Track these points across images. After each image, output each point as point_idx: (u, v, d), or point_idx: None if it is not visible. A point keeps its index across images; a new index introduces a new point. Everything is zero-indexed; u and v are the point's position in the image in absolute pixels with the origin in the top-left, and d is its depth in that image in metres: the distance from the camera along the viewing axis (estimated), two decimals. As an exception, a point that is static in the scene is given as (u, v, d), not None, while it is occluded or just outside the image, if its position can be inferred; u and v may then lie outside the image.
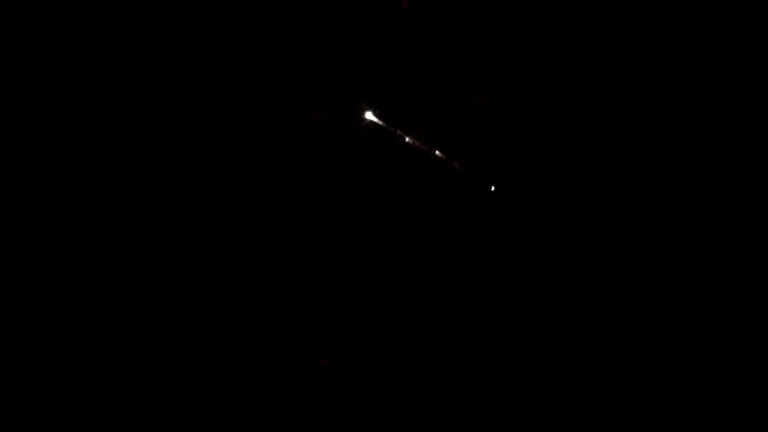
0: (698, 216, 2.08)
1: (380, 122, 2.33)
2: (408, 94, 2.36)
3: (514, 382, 2.16)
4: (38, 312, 2.09)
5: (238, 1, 2.28)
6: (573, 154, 2.16)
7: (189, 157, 2.23)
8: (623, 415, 2.05)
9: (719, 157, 2.07)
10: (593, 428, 2.07)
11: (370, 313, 2.31)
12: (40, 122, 2.15)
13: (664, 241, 2.09)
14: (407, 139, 2.25)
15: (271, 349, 2.26)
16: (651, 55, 2.14)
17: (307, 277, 2.32)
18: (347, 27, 2.35)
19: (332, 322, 2.30)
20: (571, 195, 2.16)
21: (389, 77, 2.36)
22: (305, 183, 2.35)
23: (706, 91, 2.10)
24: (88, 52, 2.18)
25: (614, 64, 2.15)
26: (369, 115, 2.34)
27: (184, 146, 2.23)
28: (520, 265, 2.19)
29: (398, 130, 2.24)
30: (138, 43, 2.21)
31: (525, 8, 2.21)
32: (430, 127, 2.35)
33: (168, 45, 2.23)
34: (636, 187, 2.12)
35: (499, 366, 2.23)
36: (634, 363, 2.07)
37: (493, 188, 2.17)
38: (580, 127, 2.16)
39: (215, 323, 2.20)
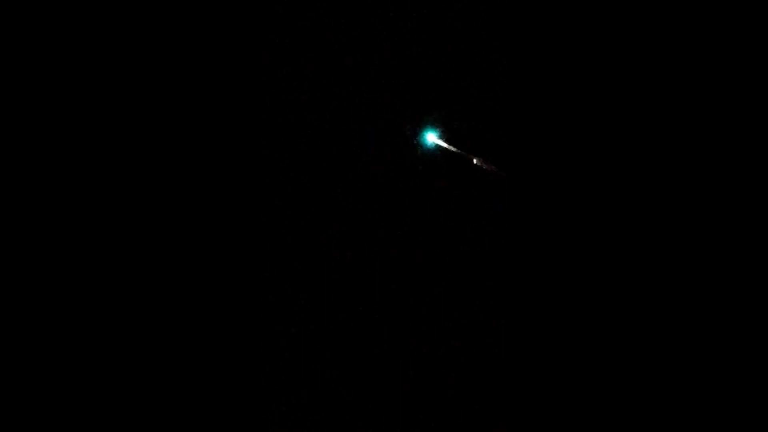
0: (698, 215, 2.08)
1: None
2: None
3: (514, 381, 2.16)
4: (40, 312, 2.09)
5: (239, 2, 2.28)
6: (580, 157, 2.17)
7: (193, 158, 2.24)
8: (622, 414, 2.05)
9: (715, 153, 2.07)
10: (593, 428, 2.07)
11: (371, 313, 2.32)
12: (43, 124, 2.15)
13: (664, 240, 2.09)
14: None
15: (271, 349, 2.26)
16: (652, 54, 2.15)
17: (307, 278, 2.33)
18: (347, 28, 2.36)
19: (332, 322, 2.31)
20: (578, 194, 2.16)
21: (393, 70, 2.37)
22: (305, 182, 2.36)
23: (705, 91, 2.11)
24: (90, 53, 2.19)
25: (623, 68, 2.16)
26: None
27: (186, 147, 2.24)
28: (523, 264, 2.20)
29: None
30: (138, 45, 2.21)
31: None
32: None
33: (169, 46, 2.23)
34: (639, 183, 2.13)
35: (499, 366, 2.24)
36: (633, 363, 2.07)
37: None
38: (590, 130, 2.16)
39: (215, 322, 2.21)
